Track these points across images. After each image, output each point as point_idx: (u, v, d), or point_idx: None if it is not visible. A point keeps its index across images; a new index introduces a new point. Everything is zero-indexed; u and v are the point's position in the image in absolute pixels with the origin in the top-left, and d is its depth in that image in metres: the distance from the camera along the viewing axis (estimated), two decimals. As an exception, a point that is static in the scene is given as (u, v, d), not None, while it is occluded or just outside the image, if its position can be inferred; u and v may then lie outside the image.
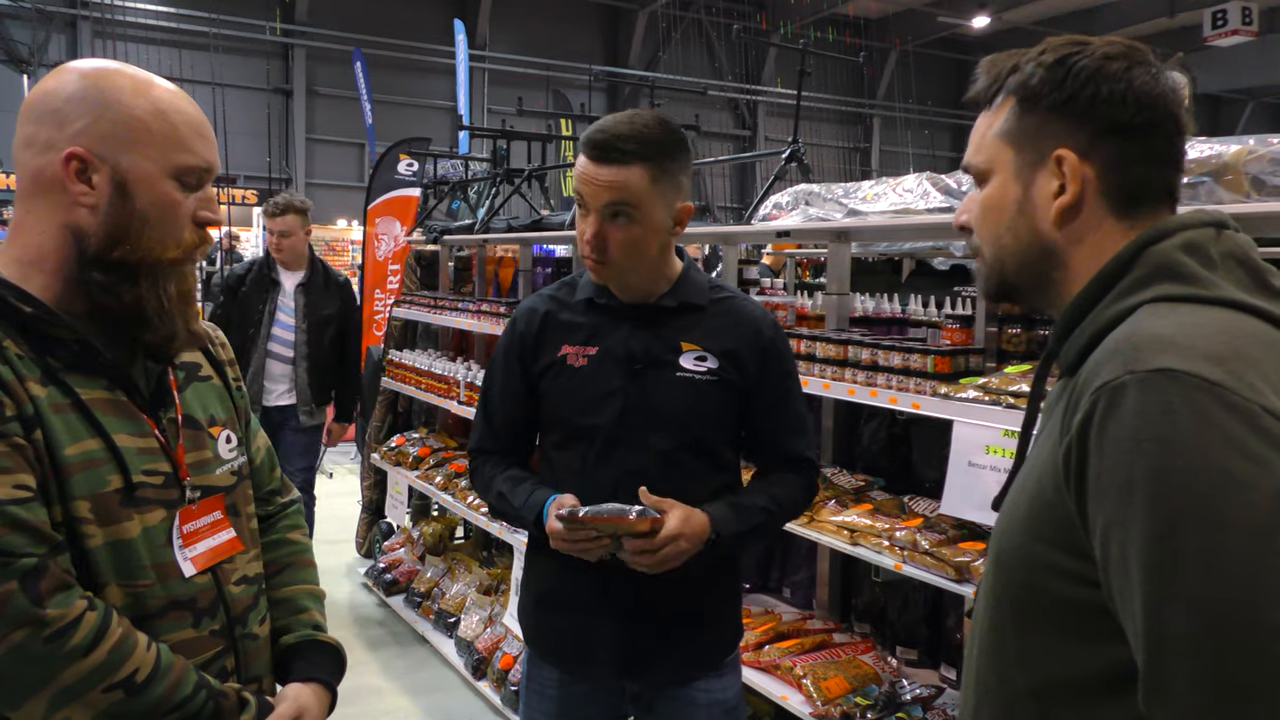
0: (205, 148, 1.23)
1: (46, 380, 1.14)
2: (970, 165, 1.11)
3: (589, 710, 1.92)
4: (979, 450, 2.25)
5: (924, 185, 2.68)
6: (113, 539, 1.16)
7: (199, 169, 1.22)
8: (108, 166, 1.17)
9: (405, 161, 7.44)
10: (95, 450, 1.16)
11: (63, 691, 1.07)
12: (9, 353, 1.12)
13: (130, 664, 1.11)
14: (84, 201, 1.16)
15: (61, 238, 1.18)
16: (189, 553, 1.24)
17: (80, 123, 1.16)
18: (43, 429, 1.12)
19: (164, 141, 1.19)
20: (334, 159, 19.25)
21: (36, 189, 1.18)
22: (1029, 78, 1.04)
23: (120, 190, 1.17)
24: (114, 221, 1.17)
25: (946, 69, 23.25)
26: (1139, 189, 1.02)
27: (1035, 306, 1.14)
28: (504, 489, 1.86)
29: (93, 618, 1.10)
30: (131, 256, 1.18)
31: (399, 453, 4.99)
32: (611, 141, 1.69)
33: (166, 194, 1.20)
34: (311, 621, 1.45)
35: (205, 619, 1.24)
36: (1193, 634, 0.81)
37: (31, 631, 1.05)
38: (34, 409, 1.12)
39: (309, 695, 1.34)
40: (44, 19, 16.31)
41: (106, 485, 1.16)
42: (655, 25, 20.17)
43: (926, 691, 2.63)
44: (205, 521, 1.27)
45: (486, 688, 3.90)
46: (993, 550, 1.05)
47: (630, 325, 1.83)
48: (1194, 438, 0.82)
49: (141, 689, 1.12)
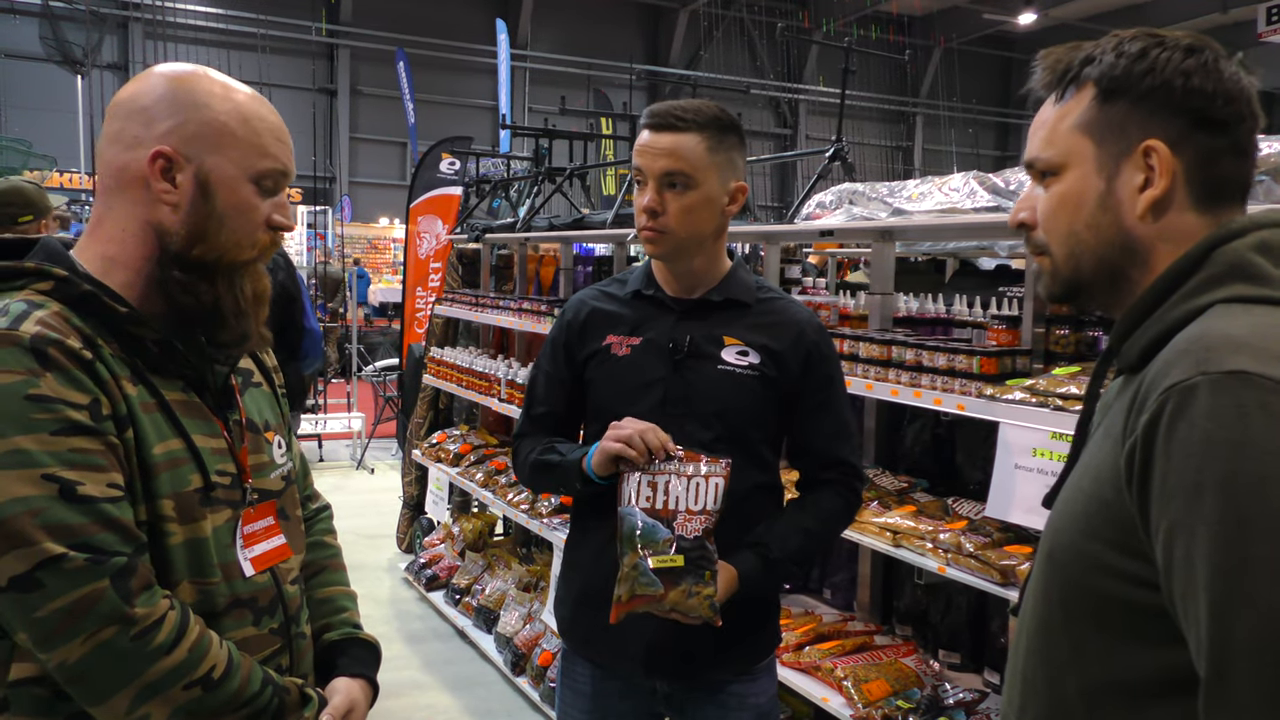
0: (284, 153, 1.26)
1: (136, 379, 1.17)
2: (1039, 159, 1.05)
3: (622, 706, 1.92)
4: (1026, 453, 2.22)
5: (971, 184, 2.65)
6: (190, 537, 1.18)
7: (277, 173, 1.24)
8: (192, 166, 1.18)
9: (447, 160, 7.51)
10: (178, 450, 1.18)
11: (146, 688, 1.09)
12: (104, 352, 1.14)
13: (207, 662, 1.14)
14: (167, 199, 1.19)
15: (145, 235, 1.20)
16: (249, 553, 1.27)
17: (168, 123, 1.18)
18: (134, 428, 1.14)
19: (247, 145, 1.21)
20: (377, 158, 19.47)
21: (120, 184, 1.20)
22: (1111, 67, 0.99)
23: (203, 190, 1.19)
24: (194, 221, 1.19)
25: (991, 66, 22.98)
26: (1222, 184, 0.99)
27: (1100, 307, 1.09)
28: (543, 455, 1.87)
29: (174, 617, 1.12)
30: (209, 255, 1.20)
31: (440, 449, 5.03)
32: (670, 110, 1.76)
33: (245, 197, 1.22)
34: (352, 620, 1.49)
35: (265, 617, 1.27)
36: (1259, 642, 0.79)
37: (120, 629, 1.07)
38: (127, 408, 1.14)
39: (357, 689, 1.38)
40: (97, 21, 16.67)
41: (188, 484, 1.19)
42: (696, 23, 20.15)
43: (970, 696, 2.60)
44: (261, 525, 1.30)
45: (525, 684, 3.92)
46: (1044, 548, 1.04)
47: (675, 317, 1.84)
48: (1267, 441, 0.80)
49: (217, 685, 1.14)
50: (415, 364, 5.95)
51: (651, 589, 1.61)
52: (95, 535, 1.07)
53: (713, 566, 1.64)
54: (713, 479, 1.67)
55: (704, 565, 1.63)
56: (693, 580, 1.62)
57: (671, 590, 1.61)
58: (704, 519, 1.65)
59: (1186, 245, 0.98)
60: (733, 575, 1.72)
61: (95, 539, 1.07)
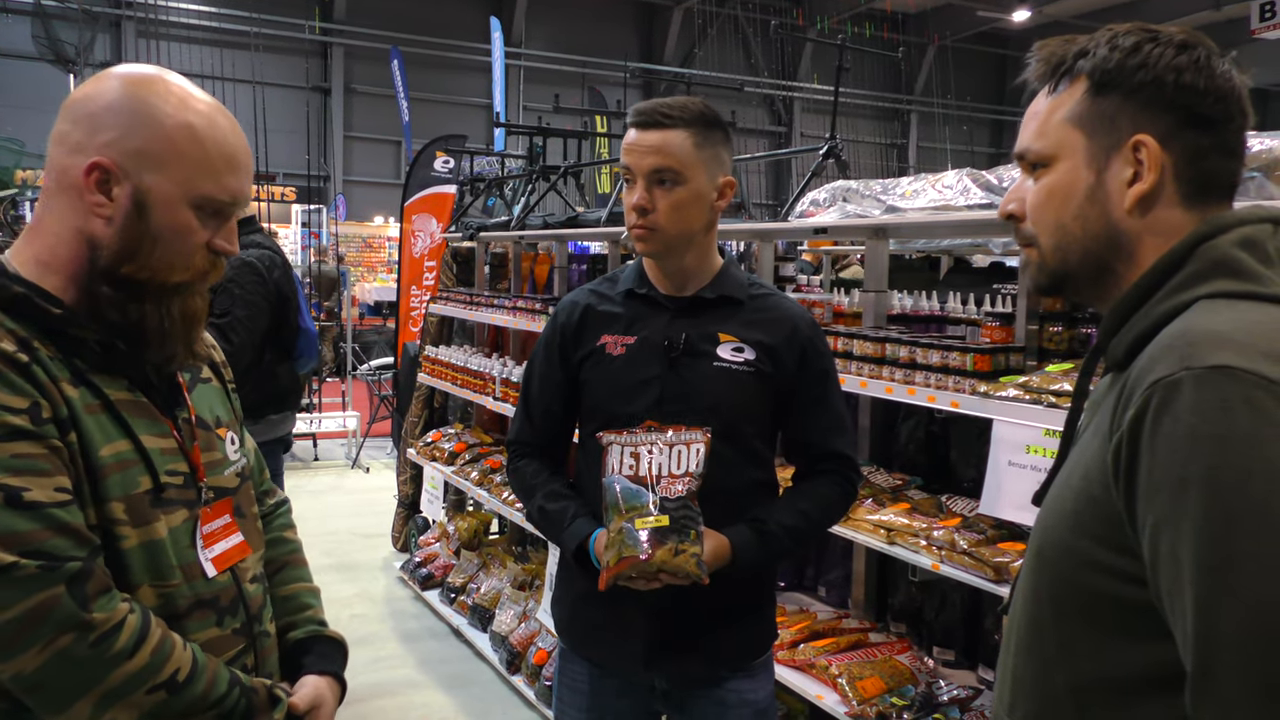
0: (234, 179, 1.20)
1: (76, 381, 1.14)
2: (1030, 151, 1.06)
3: (620, 704, 1.92)
4: (1019, 450, 2.22)
5: (964, 181, 2.65)
6: (145, 540, 1.16)
7: (221, 202, 1.20)
8: (130, 182, 1.14)
9: (442, 159, 7.50)
10: (126, 451, 1.16)
11: (109, 694, 1.08)
12: (41, 354, 1.11)
13: (171, 664, 1.12)
14: (100, 213, 1.15)
15: (77, 244, 1.16)
16: (209, 553, 1.24)
17: (112, 133, 1.14)
18: (77, 430, 1.11)
19: (193, 166, 1.16)
20: (371, 156, 19.43)
21: (59, 187, 1.17)
22: (1105, 60, 1.00)
23: (139, 208, 1.15)
24: (127, 238, 1.15)
25: (985, 64, 23.00)
26: (1210, 181, 0.99)
27: (1086, 300, 1.09)
28: (546, 505, 1.87)
29: (134, 620, 1.10)
30: (140, 274, 1.16)
31: (435, 448, 5.02)
32: (655, 108, 1.77)
33: (184, 220, 1.17)
34: (316, 618, 1.47)
35: (228, 617, 1.25)
36: (1245, 636, 0.79)
37: (77, 636, 1.05)
38: (68, 410, 1.11)
39: (325, 686, 1.37)
40: (89, 19, 16.61)
41: (138, 486, 1.16)
42: (691, 21, 20.14)
43: (964, 693, 2.60)
44: (219, 523, 1.28)
45: (521, 682, 3.92)
46: (1034, 545, 1.04)
47: (669, 315, 1.85)
48: (1251, 436, 0.80)
49: (182, 688, 1.13)
50: (410, 363, 5.94)
51: (637, 549, 1.63)
52: (46, 541, 1.04)
53: (698, 526, 1.66)
54: (694, 444, 1.70)
55: (689, 524, 1.65)
56: (678, 538, 1.63)
57: (658, 549, 1.62)
58: (687, 481, 1.68)
59: (1173, 240, 0.98)
60: (724, 543, 1.73)
61: (46, 545, 1.04)
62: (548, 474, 1.93)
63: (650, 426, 1.72)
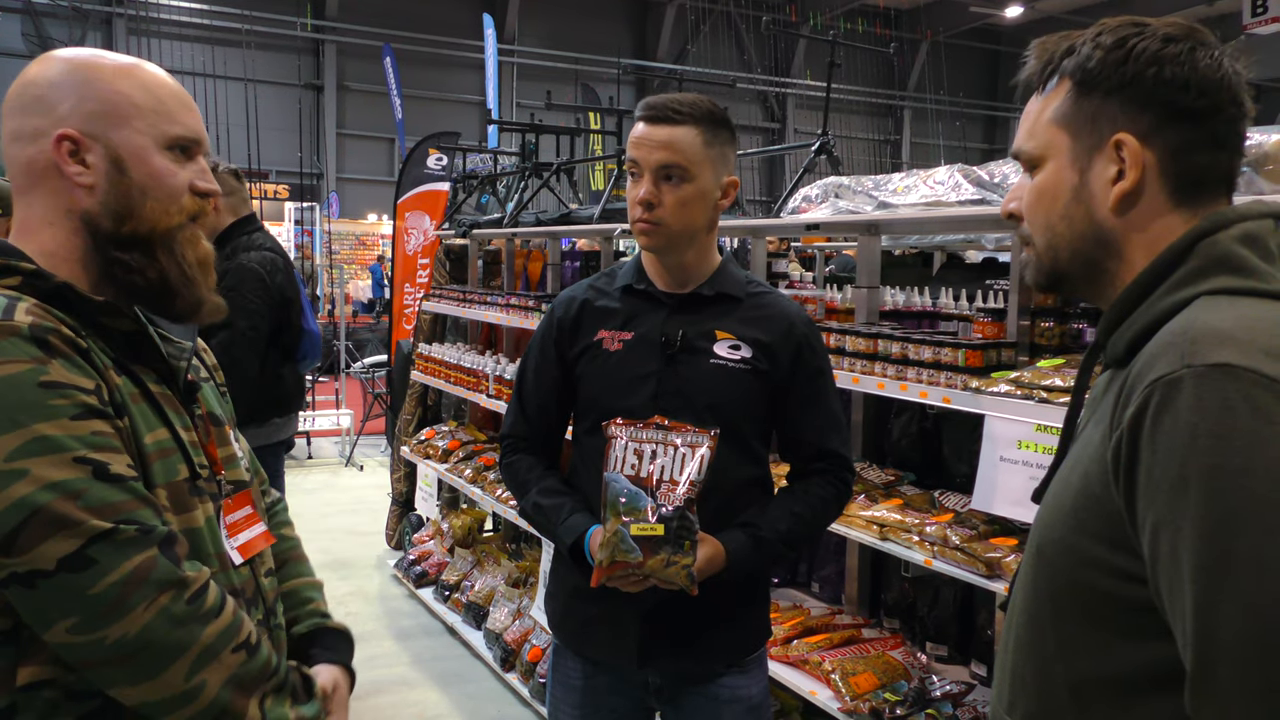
0: (192, 119, 1.23)
1: (119, 370, 1.16)
2: (1021, 151, 1.06)
3: (613, 701, 1.92)
4: (1011, 445, 2.23)
5: (955, 177, 2.65)
6: (186, 527, 1.17)
7: (188, 139, 1.22)
8: (100, 144, 1.16)
9: (434, 156, 7.48)
10: (165, 440, 1.18)
11: (203, 653, 1.09)
12: (91, 342, 1.13)
13: (245, 626, 1.15)
14: (81, 182, 1.16)
15: (72, 226, 1.17)
16: (233, 543, 1.27)
17: (66, 105, 1.15)
18: (128, 417, 1.14)
19: (153, 114, 1.19)
20: (364, 154, 19.39)
21: (32, 181, 1.17)
22: (1086, 59, 0.99)
23: (117, 166, 1.17)
24: (115, 198, 1.17)
25: (979, 60, 23.02)
26: (1199, 176, 0.98)
27: (1085, 298, 1.09)
28: (541, 500, 1.87)
29: (214, 583, 1.13)
30: (141, 229, 1.18)
31: (428, 446, 5.02)
32: (666, 103, 1.77)
33: (162, 164, 1.19)
34: (320, 610, 1.49)
35: (253, 609, 1.27)
36: (1244, 636, 0.79)
37: (175, 593, 1.07)
38: (120, 397, 1.13)
39: (339, 674, 1.38)
40: (80, 17, 16.55)
41: (178, 474, 1.18)
42: (684, 18, 20.13)
43: (957, 688, 2.61)
44: (241, 514, 1.30)
45: (515, 679, 3.92)
46: (1033, 543, 1.03)
47: (667, 311, 1.85)
48: (1252, 435, 0.80)
49: (255, 651, 1.15)
50: (403, 360, 5.93)
51: (630, 555, 1.64)
52: (136, 510, 1.07)
53: (693, 537, 1.66)
54: (698, 450, 1.70)
55: (684, 535, 1.65)
56: (671, 550, 1.64)
57: (650, 558, 1.64)
58: (687, 489, 1.68)
59: (1160, 238, 0.97)
60: (719, 551, 1.73)
61: (137, 514, 1.07)
62: (542, 469, 1.93)
63: (657, 423, 1.72)
